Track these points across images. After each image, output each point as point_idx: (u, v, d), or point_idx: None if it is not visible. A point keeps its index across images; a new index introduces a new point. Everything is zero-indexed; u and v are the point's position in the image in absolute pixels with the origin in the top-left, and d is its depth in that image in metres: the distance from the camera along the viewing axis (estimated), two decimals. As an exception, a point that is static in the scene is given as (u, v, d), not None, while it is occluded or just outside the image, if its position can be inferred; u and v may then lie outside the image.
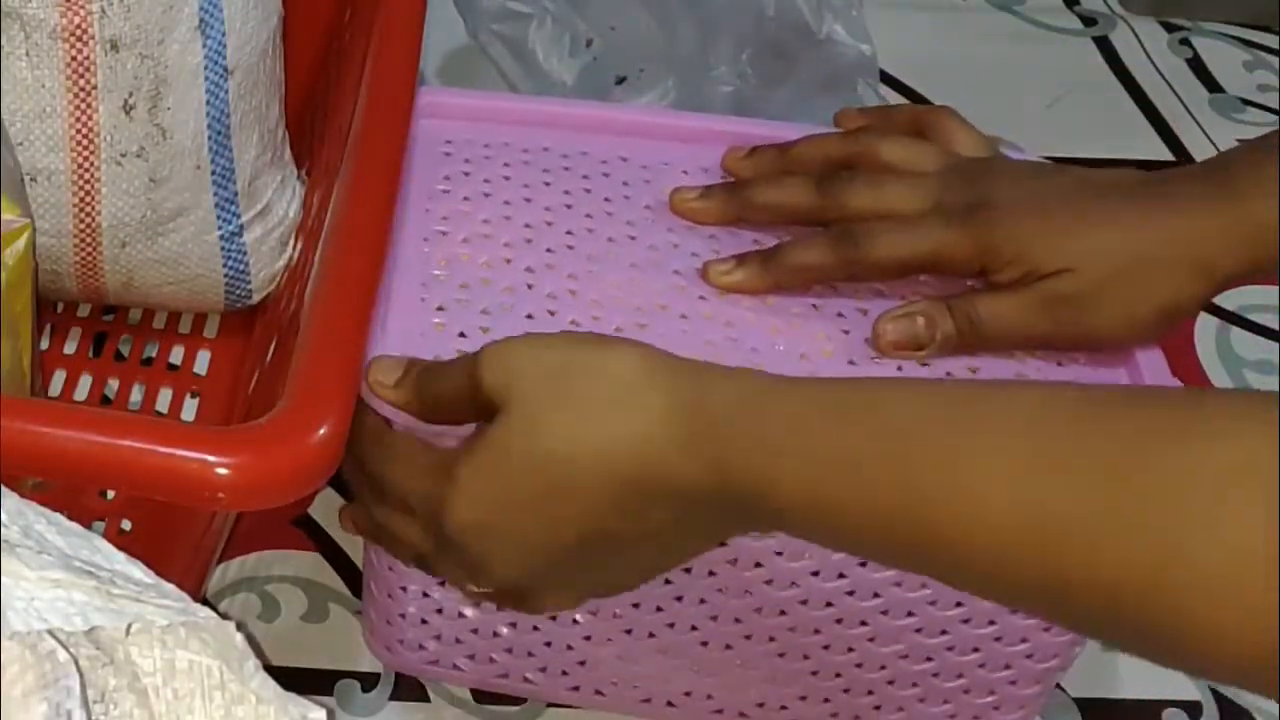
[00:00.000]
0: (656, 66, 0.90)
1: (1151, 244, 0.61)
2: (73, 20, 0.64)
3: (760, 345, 0.62)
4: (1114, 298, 0.62)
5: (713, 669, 0.65)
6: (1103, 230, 0.62)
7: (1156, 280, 0.61)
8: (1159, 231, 0.61)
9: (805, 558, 0.60)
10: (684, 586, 0.62)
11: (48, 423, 0.49)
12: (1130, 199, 0.62)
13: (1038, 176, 0.65)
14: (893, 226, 0.64)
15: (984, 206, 0.63)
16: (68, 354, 0.78)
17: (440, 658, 0.67)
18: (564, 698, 0.67)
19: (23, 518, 0.43)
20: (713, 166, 0.70)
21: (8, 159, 0.63)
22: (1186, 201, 0.62)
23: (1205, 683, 0.72)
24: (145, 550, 0.46)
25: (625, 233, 0.67)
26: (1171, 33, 1.12)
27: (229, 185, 0.70)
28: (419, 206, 0.66)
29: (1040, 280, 0.62)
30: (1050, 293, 0.62)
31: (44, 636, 0.38)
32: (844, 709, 0.66)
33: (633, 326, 0.62)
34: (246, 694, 0.41)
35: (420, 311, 0.62)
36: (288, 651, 0.68)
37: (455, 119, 0.71)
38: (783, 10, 0.91)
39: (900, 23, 1.06)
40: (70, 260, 0.70)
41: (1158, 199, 0.62)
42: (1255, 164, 0.62)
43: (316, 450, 0.49)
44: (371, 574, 0.66)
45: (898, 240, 0.64)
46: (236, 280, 0.73)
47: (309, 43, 0.80)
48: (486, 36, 0.90)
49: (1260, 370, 0.88)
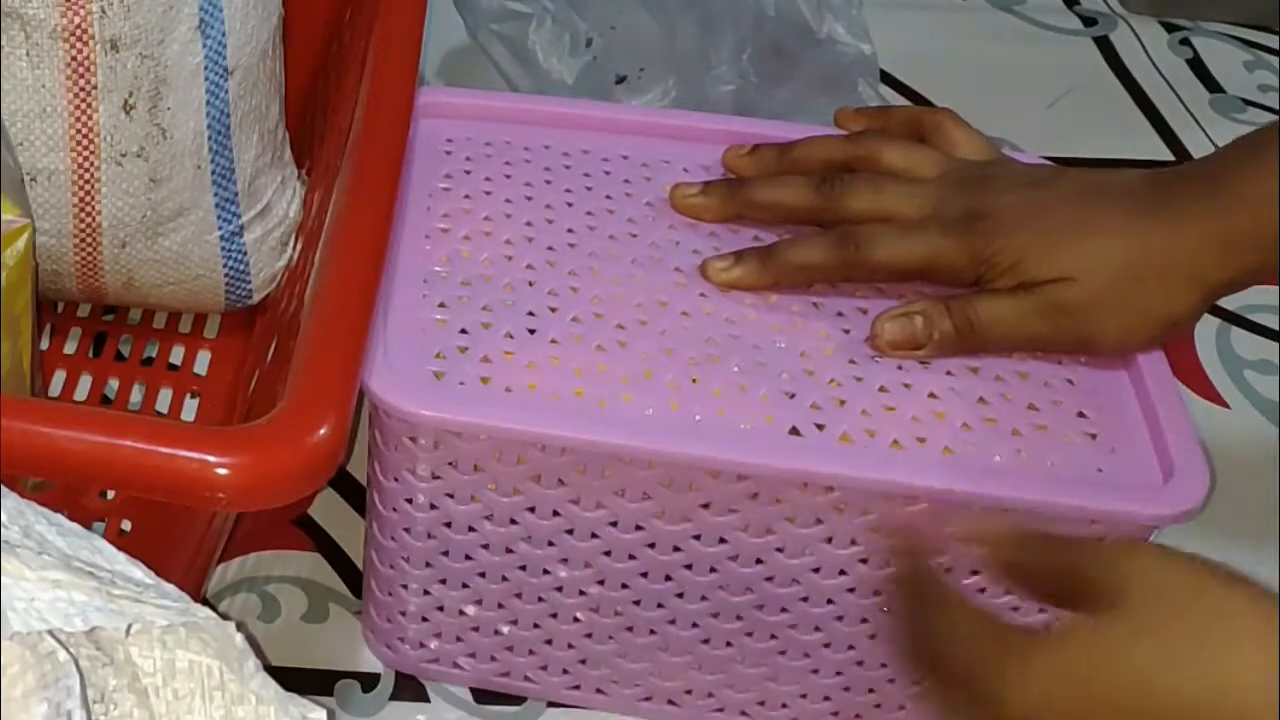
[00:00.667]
0: (657, 66, 0.90)
1: (1148, 254, 0.61)
2: (73, 20, 0.64)
3: (761, 343, 0.62)
4: (1111, 308, 0.62)
5: (713, 666, 0.65)
6: (1100, 240, 0.62)
7: (1154, 291, 0.62)
8: (1155, 240, 0.62)
9: (806, 555, 0.60)
10: (685, 583, 0.62)
11: (48, 423, 0.49)
12: (1127, 207, 0.62)
13: (1036, 183, 0.65)
14: (891, 231, 0.64)
15: (982, 215, 0.63)
16: (68, 354, 0.78)
17: (441, 656, 0.67)
18: (564, 696, 0.67)
19: (23, 518, 0.43)
20: (713, 165, 0.71)
21: (8, 159, 0.63)
22: (1182, 208, 0.62)
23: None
24: (145, 550, 0.46)
25: (626, 230, 0.67)
26: (1172, 33, 1.12)
27: (229, 185, 0.70)
28: (420, 205, 0.66)
29: (1039, 286, 0.62)
30: (1049, 299, 0.62)
31: (44, 637, 0.38)
32: (845, 707, 0.66)
33: (634, 323, 0.62)
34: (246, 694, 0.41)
35: (421, 308, 0.62)
36: (288, 651, 0.68)
37: (455, 118, 0.71)
38: (783, 10, 0.91)
39: (900, 23, 1.06)
40: (70, 260, 0.70)
41: (1154, 206, 0.62)
42: (1253, 166, 0.62)
43: (316, 450, 0.49)
44: (372, 572, 0.66)
45: (896, 245, 0.64)
46: (236, 280, 0.73)
47: (309, 43, 0.80)
48: (486, 36, 0.90)
49: (1260, 370, 0.87)
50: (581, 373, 0.60)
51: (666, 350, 0.61)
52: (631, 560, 0.61)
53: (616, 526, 0.60)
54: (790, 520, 0.59)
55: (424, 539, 0.62)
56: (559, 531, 0.61)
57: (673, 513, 0.59)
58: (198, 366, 0.78)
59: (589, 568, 0.62)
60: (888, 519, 0.59)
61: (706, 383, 0.60)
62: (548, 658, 0.66)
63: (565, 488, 0.59)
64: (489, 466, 0.59)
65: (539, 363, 0.60)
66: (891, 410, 0.60)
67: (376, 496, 0.63)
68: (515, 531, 0.61)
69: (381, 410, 0.58)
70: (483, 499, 0.60)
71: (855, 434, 0.59)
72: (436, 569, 0.63)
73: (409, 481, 0.60)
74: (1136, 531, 0.59)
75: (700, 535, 0.60)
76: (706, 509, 0.59)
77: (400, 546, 0.63)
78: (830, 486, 0.58)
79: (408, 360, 0.59)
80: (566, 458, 0.58)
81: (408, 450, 0.59)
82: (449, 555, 0.62)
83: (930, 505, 0.58)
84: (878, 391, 0.61)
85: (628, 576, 0.62)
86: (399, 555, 0.63)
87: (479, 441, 0.58)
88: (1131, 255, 0.61)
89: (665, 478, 0.59)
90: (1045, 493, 0.58)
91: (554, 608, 0.64)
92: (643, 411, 0.59)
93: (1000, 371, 0.62)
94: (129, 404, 0.76)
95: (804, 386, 0.60)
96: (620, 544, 0.61)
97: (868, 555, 0.60)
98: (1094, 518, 0.58)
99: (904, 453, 0.58)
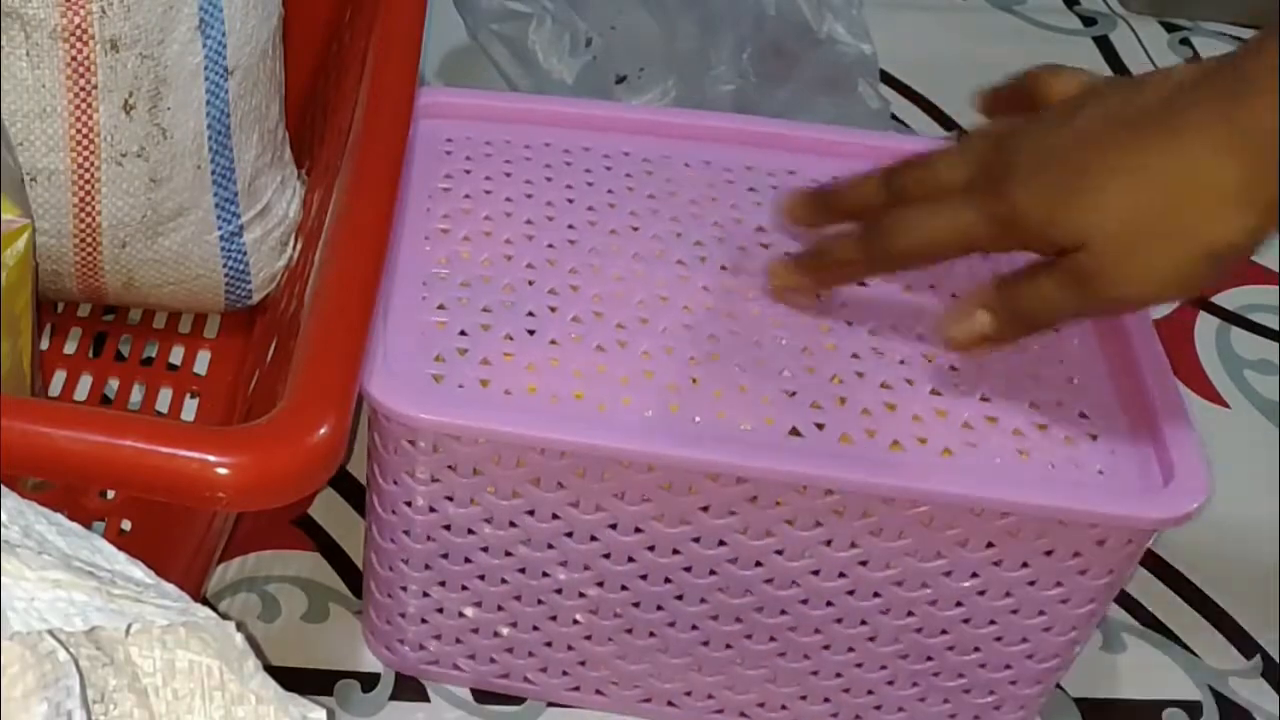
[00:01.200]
0: (657, 66, 0.90)
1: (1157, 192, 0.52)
2: (73, 20, 0.64)
3: (763, 339, 0.62)
4: (1131, 263, 0.53)
5: (713, 669, 0.65)
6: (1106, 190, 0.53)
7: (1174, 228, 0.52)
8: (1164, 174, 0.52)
9: (805, 557, 0.60)
10: (684, 586, 0.62)
11: (48, 423, 0.49)
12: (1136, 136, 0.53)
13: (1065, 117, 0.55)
14: (915, 213, 0.58)
15: (1006, 175, 0.55)
16: (68, 354, 0.78)
17: (440, 658, 0.67)
18: (564, 698, 0.67)
19: (23, 518, 0.43)
20: (714, 160, 0.70)
21: (8, 159, 0.63)
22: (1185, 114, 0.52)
23: (1205, 683, 0.72)
24: (145, 550, 0.46)
25: (628, 224, 0.67)
26: (1171, 33, 1.12)
27: (229, 185, 0.70)
28: (420, 205, 0.66)
29: (1064, 256, 0.54)
30: (1072, 269, 0.54)
31: (44, 637, 0.38)
32: (844, 709, 0.66)
33: (634, 321, 0.62)
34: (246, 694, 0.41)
35: (421, 310, 0.62)
36: (288, 651, 0.68)
37: (455, 118, 0.71)
38: (783, 10, 0.91)
39: (900, 23, 1.06)
40: (70, 260, 0.70)
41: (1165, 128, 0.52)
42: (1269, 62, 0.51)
43: (316, 450, 0.49)
44: (371, 574, 0.66)
45: (915, 231, 0.57)
46: (236, 280, 0.73)
47: (309, 43, 0.80)
48: (486, 36, 0.90)
49: (1260, 370, 0.88)
50: (581, 374, 0.60)
51: (667, 349, 0.61)
52: (631, 563, 0.61)
53: (616, 529, 0.60)
54: (790, 523, 0.59)
55: (423, 541, 0.62)
56: (558, 534, 0.61)
57: (672, 515, 0.59)
58: (198, 366, 0.78)
59: (588, 570, 0.62)
60: (888, 521, 0.59)
61: (707, 383, 0.60)
62: (547, 660, 0.66)
63: (565, 491, 0.59)
64: (488, 469, 0.59)
65: (539, 364, 0.60)
66: (893, 409, 0.60)
67: (376, 499, 0.63)
68: (515, 534, 0.61)
69: (380, 413, 0.58)
70: (482, 502, 0.60)
71: (855, 434, 0.59)
72: (436, 571, 0.63)
73: (408, 484, 0.60)
74: (1136, 535, 0.59)
75: (700, 538, 0.60)
76: (706, 512, 0.59)
77: (400, 549, 0.63)
78: (830, 490, 0.58)
79: (407, 363, 0.59)
80: (566, 461, 0.58)
81: (407, 453, 0.59)
82: (448, 558, 0.62)
83: (931, 508, 0.58)
84: (879, 388, 0.60)
85: (627, 579, 0.62)
86: (398, 558, 0.63)
87: (478, 445, 0.58)
88: (1134, 195, 0.52)
89: (664, 481, 0.58)
90: (1046, 497, 0.58)
91: (553, 610, 0.64)
92: (642, 414, 0.59)
93: (1002, 368, 0.62)
94: (129, 404, 0.76)
95: (805, 384, 0.60)
96: (620, 546, 0.61)
97: (867, 558, 0.60)
98: (1094, 521, 0.58)
99: (904, 454, 0.58)
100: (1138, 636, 0.74)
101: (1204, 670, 0.73)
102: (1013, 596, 0.61)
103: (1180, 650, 0.73)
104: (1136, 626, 0.74)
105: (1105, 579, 0.60)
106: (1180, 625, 0.74)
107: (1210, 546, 0.77)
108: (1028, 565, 0.60)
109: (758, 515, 0.59)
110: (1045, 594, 0.60)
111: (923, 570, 0.60)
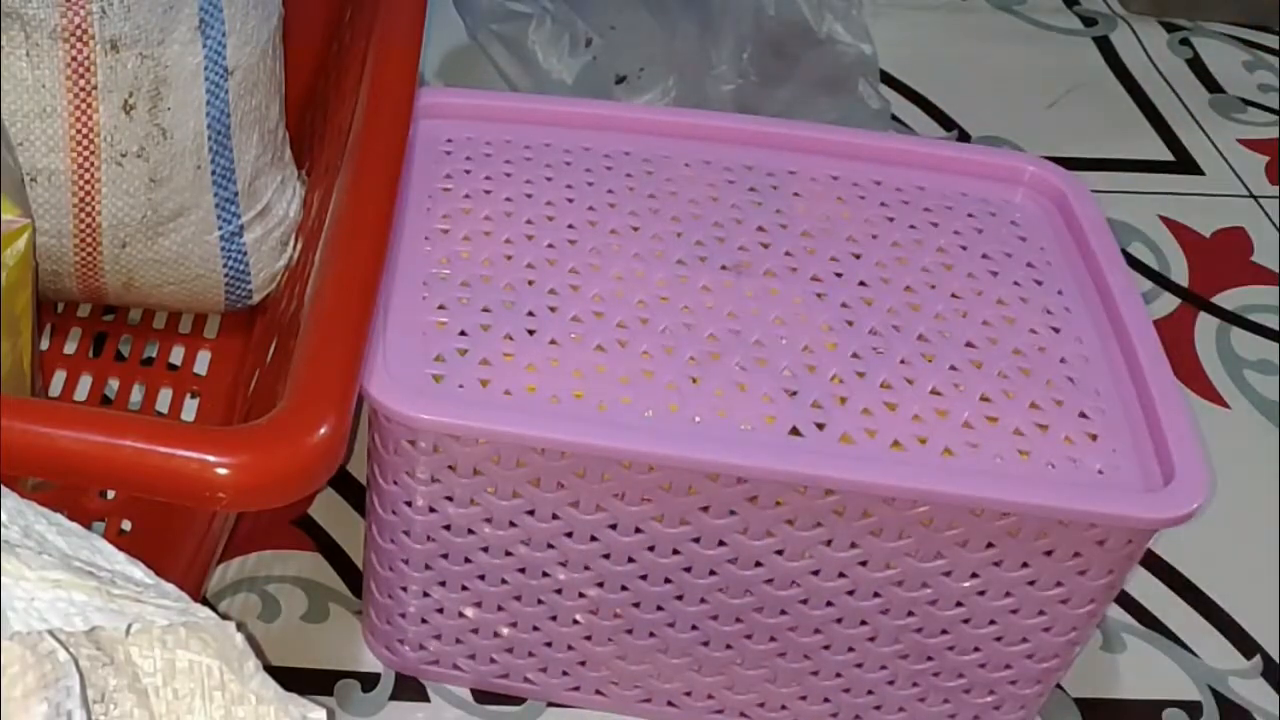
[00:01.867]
0: (657, 66, 0.90)
1: None
2: (73, 20, 0.64)
3: (764, 338, 0.62)
4: None
5: (713, 669, 0.65)
6: None
7: None
8: None
9: (805, 557, 0.60)
10: (684, 586, 0.62)
11: (48, 423, 0.49)
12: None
13: None
14: None
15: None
16: (68, 354, 0.78)
17: (440, 658, 0.67)
18: (564, 698, 0.67)
19: (23, 518, 0.43)
20: (714, 160, 0.70)
21: (8, 159, 0.63)
22: None
23: (1205, 683, 0.72)
24: (145, 550, 0.46)
25: (628, 223, 0.67)
26: (1171, 33, 1.12)
27: (229, 185, 0.70)
28: (420, 205, 0.66)
29: None
30: None
31: (44, 637, 0.38)
32: (844, 709, 0.66)
33: (634, 321, 0.62)
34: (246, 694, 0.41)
35: (420, 311, 0.62)
36: (288, 651, 0.68)
37: (455, 118, 0.71)
38: (783, 10, 0.91)
39: (900, 23, 1.06)
40: (70, 260, 0.70)
41: None
42: None
43: (316, 450, 0.49)
44: (371, 574, 0.66)
45: None
46: (236, 280, 0.73)
47: (309, 43, 0.80)
48: (486, 36, 0.90)
49: (1260, 370, 0.88)
50: (581, 374, 0.60)
51: (667, 349, 0.61)
52: (631, 563, 0.61)
53: (616, 529, 0.60)
54: (790, 523, 0.59)
55: (423, 542, 0.62)
56: (558, 534, 0.61)
57: (672, 516, 0.59)
58: (198, 366, 0.78)
59: (588, 570, 0.62)
60: (888, 521, 0.59)
61: (707, 382, 0.60)
62: (547, 660, 0.66)
63: (565, 491, 0.59)
64: (488, 470, 0.59)
65: (539, 364, 0.60)
66: (893, 408, 0.60)
67: (376, 499, 0.63)
68: (515, 534, 0.61)
69: (381, 414, 0.58)
70: (482, 502, 0.60)
71: (856, 434, 0.59)
72: (436, 572, 0.63)
73: (408, 485, 0.60)
74: (1136, 535, 0.59)
75: (700, 538, 0.60)
76: (706, 512, 0.59)
77: (400, 549, 0.63)
78: (830, 490, 0.58)
79: (407, 363, 0.59)
80: (566, 461, 0.58)
81: (407, 454, 0.59)
82: (448, 558, 0.62)
83: (931, 508, 0.58)
84: (880, 388, 0.60)
85: (627, 579, 0.62)
86: (398, 558, 0.63)
87: (478, 445, 0.58)
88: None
89: (664, 481, 0.58)
90: (1046, 497, 0.58)
91: (553, 610, 0.64)
92: (642, 414, 0.59)
93: (1004, 367, 0.62)
94: (129, 404, 0.76)
95: (805, 383, 0.60)
96: (620, 547, 0.61)
97: (867, 558, 0.60)
98: (1094, 521, 0.58)
99: (904, 454, 0.58)
100: (1138, 636, 0.74)
101: (1204, 670, 0.73)
102: (1013, 596, 0.61)
103: (1180, 650, 0.73)
104: (1136, 626, 0.74)
105: (1105, 579, 0.60)
106: (1180, 625, 0.74)
107: (1210, 546, 0.77)
108: (1028, 565, 0.60)
109: (758, 515, 0.59)
110: (1045, 594, 0.60)
111: (923, 570, 0.60)
